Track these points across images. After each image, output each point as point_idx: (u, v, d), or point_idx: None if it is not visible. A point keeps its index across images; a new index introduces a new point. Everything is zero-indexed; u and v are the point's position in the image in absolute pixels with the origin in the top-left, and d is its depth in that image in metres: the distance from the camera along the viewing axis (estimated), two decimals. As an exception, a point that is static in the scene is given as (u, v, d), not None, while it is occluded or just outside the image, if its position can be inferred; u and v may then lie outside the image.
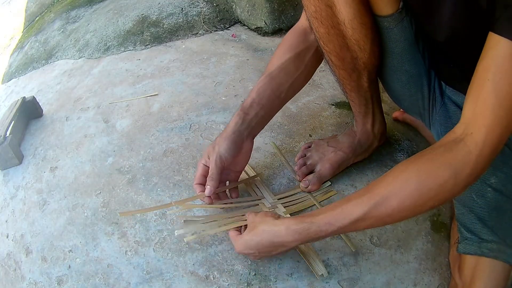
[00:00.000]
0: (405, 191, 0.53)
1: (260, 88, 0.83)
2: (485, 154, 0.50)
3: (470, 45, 0.64)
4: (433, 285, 0.74)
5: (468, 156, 0.50)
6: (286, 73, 0.84)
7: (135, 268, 0.81)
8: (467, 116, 0.52)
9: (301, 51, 0.84)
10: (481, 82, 0.51)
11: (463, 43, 0.65)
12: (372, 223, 0.57)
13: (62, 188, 1.03)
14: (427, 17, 0.67)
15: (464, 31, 0.62)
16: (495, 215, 0.67)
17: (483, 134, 0.50)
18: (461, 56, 0.70)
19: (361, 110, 0.87)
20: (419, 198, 0.53)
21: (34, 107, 1.32)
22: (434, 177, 0.52)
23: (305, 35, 0.85)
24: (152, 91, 1.31)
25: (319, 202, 0.87)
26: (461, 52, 0.68)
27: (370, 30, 0.71)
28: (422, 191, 0.52)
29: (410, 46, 0.74)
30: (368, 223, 0.57)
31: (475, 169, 0.51)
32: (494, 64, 0.50)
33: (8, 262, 0.91)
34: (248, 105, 0.82)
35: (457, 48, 0.68)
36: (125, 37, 1.68)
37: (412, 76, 0.79)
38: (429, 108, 0.84)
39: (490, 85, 0.50)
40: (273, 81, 0.83)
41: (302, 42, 0.84)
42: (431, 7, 0.64)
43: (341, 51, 0.74)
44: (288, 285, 0.75)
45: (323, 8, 0.69)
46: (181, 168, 1.00)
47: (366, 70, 0.78)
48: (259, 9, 1.57)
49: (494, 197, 0.67)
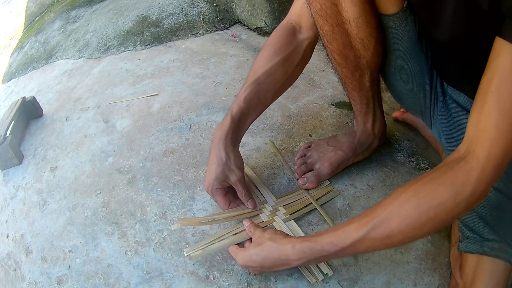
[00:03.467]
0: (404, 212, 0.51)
1: (247, 96, 0.81)
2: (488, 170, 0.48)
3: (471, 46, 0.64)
4: (433, 285, 0.74)
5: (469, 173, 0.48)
6: (273, 79, 0.83)
7: (135, 268, 0.81)
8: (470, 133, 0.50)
9: (290, 54, 0.82)
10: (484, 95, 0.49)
11: (464, 43, 0.65)
12: (372, 245, 0.56)
13: (62, 188, 1.03)
14: (429, 17, 0.67)
15: (464, 32, 0.62)
16: (496, 214, 0.67)
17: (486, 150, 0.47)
18: (461, 57, 0.70)
19: (362, 109, 0.87)
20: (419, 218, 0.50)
21: (34, 107, 1.32)
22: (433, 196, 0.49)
23: (294, 34, 0.83)
24: (152, 91, 1.31)
25: (316, 200, 0.87)
26: (462, 52, 0.68)
27: (374, 29, 0.71)
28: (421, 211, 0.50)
29: (413, 44, 0.74)
30: (368, 245, 0.56)
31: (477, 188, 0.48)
32: (497, 75, 0.48)
33: (8, 262, 0.91)
34: (238, 116, 0.81)
35: (457, 48, 0.68)
36: (125, 37, 1.68)
37: (415, 74, 0.79)
38: (430, 107, 0.84)
39: (493, 97, 0.48)
40: (261, 88, 0.82)
41: (291, 43, 0.82)
42: (433, 8, 0.64)
43: (344, 50, 0.74)
44: (288, 285, 0.75)
45: (328, 6, 0.69)
46: (181, 168, 1.00)
47: (369, 69, 0.78)
48: (259, 9, 1.57)
49: (495, 196, 0.67)
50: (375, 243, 0.55)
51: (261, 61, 0.84)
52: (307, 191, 0.89)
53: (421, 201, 0.50)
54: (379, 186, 0.90)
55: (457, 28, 0.62)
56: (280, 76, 0.83)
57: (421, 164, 0.95)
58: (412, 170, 0.94)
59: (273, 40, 0.84)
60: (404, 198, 0.52)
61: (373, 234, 0.54)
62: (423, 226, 0.51)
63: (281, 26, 0.85)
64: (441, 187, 0.49)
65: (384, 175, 0.92)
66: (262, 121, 1.10)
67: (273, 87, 0.84)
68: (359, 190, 0.90)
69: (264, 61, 0.83)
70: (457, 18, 0.61)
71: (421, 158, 0.96)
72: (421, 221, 0.50)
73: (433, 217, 0.50)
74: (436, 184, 0.49)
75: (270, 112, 1.12)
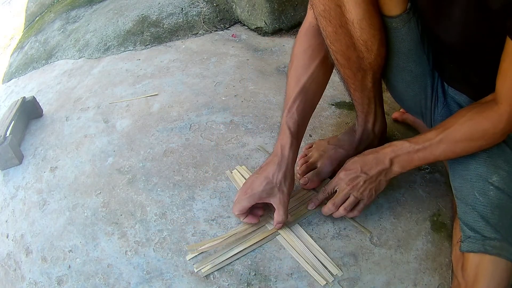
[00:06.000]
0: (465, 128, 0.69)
1: (298, 106, 0.81)
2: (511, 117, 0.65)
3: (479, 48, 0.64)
4: (433, 285, 0.74)
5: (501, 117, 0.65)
6: (317, 83, 0.83)
7: (135, 268, 0.81)
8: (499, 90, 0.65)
9: (325, 55, 0.81)
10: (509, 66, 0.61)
11: (471, 45, 0.66)
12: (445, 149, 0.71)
13: (62, 188, 1.03)
14: (437, 19, 0.67)
15: (474, 34, 0.63)
16: (497, 213, 0.67)
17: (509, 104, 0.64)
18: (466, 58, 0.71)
19: (363, 109, 0.87)
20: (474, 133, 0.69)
21: (34, 107, 1.32)
22: (480, 124, 0.68)
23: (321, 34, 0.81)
24: (152, 91, 1.31)
25: None
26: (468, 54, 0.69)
27: (378, 31, 0.71)
28: (475, 129, 0.68)
29: (416, 46, 0.74)
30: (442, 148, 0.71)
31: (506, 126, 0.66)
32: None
33: (8, 262, 0.90)
34: (296, 130, 0.80)
35: (464, 50, 0.69)
36: (125, 37, 1.68)
37: (417, 76, 0.79)
38: (431, 108, 0.84)
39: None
40: (308, 96, 0.82)
41: (322, 44, 0.80)
42: (441, 10, 0.64)
43: (347, 51, 0.74)
44: (288, 285, 0.75)
45: (332, 7, 0.69)
46: (181, 168, 1.00)
47: (371, 70, 0.78)
48: (259, 9, 1.57)
49: (496, 195, 0.67)
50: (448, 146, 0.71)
51: (300, 69, 0.83)
52: (314, 190, 0.89)
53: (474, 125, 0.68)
54: (379, 186, 0.90)
55: (466, 30, 0.63)
56: (322, 78, 0.84)
57: (421, 164, 0.95)
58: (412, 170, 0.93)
59: (305, 45, 0.83)
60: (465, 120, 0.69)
61: (447, 138, 0.70)
62: (475, 140, 0.69)
63: (304, 31, 0.84)
64: (485, 120, 0.67)
65: (384, 175, 0.92)
66: (262, 121, 1.10)
67: (319, 91, 0.84)
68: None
69: (304, 68, 0.83)
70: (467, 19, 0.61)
71: (421, 158, 0.96)
72: (475, 135, 0.69)
73: (481, 137, 0.69)
74: (482, 117, 0.68)
75: (270, 112, 1.12)
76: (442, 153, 0.72)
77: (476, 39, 0.64)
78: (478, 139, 0.69)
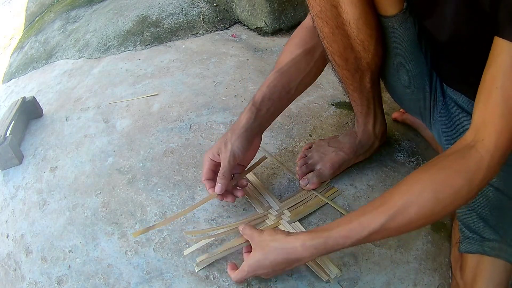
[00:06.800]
0: (422, 201, 0.54)
1: (270, 83, 0.82)
2: (496, 158, 0.52)
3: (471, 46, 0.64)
4: (433, 285, 0.74)
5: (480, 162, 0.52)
6: (296, 68, 0.83)
7: (135, 268, 0.81)
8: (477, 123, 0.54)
9: (312, 46, 0.83)
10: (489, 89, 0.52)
11: (464, 44, 0.65)
12: (388, 234, 0.57)
13: (62, 188, 1.03)
14: (430, 17, 0.67)
15: (466, 33, 0.62)
16: (496, 214, 0.67)
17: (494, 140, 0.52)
18: (462, 57, 0.70)
19: (362, 110, 0.87)
20: (436, 206, 0.53)
21: (34, 107, 1.32)
22: (449, 185, 0.53)
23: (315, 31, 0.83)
24: (152, 91, 1.31)
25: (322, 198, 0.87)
26: (462, 53, 0.69)
27: (374, 31, 0.71)
28: (438, 199, 0.53)
29: (413, 46, 0.74)
30: (384, 234, 0.57)
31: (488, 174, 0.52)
32: (502, 71, 0.51)
33: (8, 262, 0.90)
34: (259, 100, 0.81)
35: (458, 49, 0.68)
36: (125, 37, 1.68)
37: (415, 76, 0.79)
38: (430, 108, 0.84)
39: (499, 92, 0.51)
40: (284, 77, 0.82)
41: (312, 38, 0.83)
42: (434, 8, 0.64)
43: (345, 51, 0.74)
44: (288, 285, 0.75)
45: (328, 8, 0.69)
46: (181, 168, 1.00)
47: (369, 71, 0.78)
48: (259, 9, 1.57)
49: (496, 196, 0.67)
50: (392, 231, 0.57)
51: (284, 54, 0.85)
52: (316, 191, 0.89)
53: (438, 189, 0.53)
54: (379, 186, 0.90)
55: (458, 28, 0.62)
56: (303, 66, 0.84)
57: (421, 164, 0.95)
58: (412, 170, 0.93)
59: (295, 36, 0.86)
60: (422, 186, 0.54)
61: (392, 223, 0.55)
62: (440, 212, 0.54)
63: (302, 25, 0.87)
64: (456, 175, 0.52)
65: (384, 175, 0.92)
66: (262, 121, 1.10)
67: (296, 76, 0.84)
68: (359, 190, 0.90)
69: (287, 54, 0.84)
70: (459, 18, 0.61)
71: (421, 158, 0.96)
72: (439, 208, 0.53)
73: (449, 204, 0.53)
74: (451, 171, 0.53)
75: (270, 112, 1.12)
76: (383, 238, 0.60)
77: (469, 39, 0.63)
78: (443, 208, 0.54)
